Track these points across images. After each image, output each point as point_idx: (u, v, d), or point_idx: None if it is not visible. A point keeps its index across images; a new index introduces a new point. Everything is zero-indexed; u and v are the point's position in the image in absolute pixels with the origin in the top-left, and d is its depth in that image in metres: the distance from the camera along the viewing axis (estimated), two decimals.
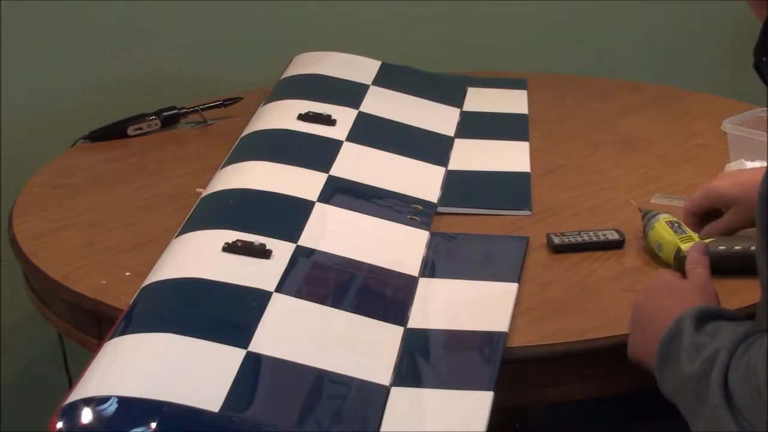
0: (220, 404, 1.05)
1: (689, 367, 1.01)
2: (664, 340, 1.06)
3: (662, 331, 1.06)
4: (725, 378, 0.95)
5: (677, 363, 1.03)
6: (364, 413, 1.08)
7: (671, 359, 1.04)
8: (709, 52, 2.62)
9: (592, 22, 2.48)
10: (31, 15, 2.05)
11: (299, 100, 1.74)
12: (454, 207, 1.52)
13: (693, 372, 1.00)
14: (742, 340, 0.98)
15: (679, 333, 1.05)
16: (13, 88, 2.06)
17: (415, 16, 2.33)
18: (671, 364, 1.04)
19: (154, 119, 1.83)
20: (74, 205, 1.57)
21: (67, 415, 1.02)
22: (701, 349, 1.01)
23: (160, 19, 2.15)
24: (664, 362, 1.05)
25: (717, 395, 0.95)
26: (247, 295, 1.23)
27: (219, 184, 1.49)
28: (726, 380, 0.95)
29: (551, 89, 2.04)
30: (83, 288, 1.32)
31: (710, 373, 0.97)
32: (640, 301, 1.17)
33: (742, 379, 0.94)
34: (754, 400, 0.92)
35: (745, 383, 0.93)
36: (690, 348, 1.02)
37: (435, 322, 1.24)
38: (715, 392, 0.95)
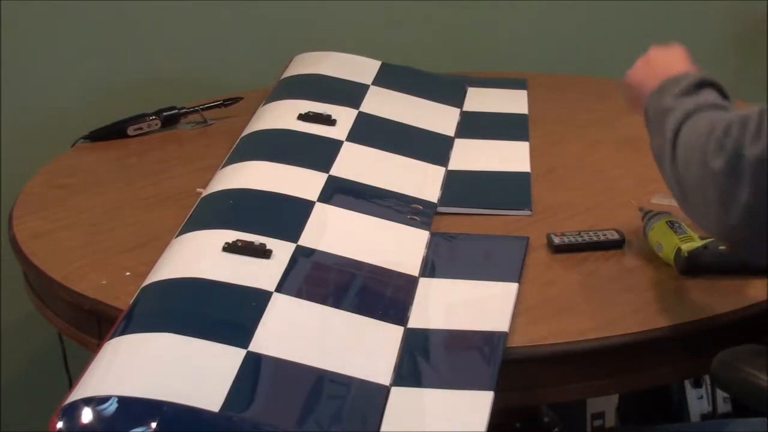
0: (220, 404, 1.05)
1: (666, 101, 1.22)
2: (667, 80, 1.25)
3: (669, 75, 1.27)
4: (682, 121, 1.17)
5: (663, 98, 1.23)
6: (364, 413, 1.08)
7: (662, 94, 1.24)
8: (708, 52, 2.61)
9: (592, 22, 2.48)
10: (31, 15, 2.05)
11: (299, 100, 1.75)
12: (454, 207, 1.52)
13: (664, 105, 1.22)
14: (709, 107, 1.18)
15: (678, 80, 1.24)
16: (13, 88, 2.06)
17: (415, 16, 2.33)
18: (660, 97, 1.24)
19: (154, 119, 1.83)
20: (74, 205, 1.57)
21: (67, 415, 1.02)
22: (682, 96, 1.22)
23: (160, 19, 2.15)
24: (656, 94, 1.25)
25: (669, 133, 1.18)
26: (247, 295, 1.23)
27: (219, 184, 1.49)
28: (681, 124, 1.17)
29: (551, 89, 2.04)
30: (83, 288, 1.33)
31: (672, 114, 1.19)
32: (661, 52, 1.36)
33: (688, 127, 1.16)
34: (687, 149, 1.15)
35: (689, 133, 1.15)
36: (678, 93, 1.22)
37: (435, 322, 1.24)
38: (669, 130, 1.18)
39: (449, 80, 2.01)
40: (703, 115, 1.17)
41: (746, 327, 1.27)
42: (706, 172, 1.10)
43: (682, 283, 1.31)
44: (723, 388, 1.23)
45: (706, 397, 1.91)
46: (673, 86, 1.23)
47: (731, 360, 1.15)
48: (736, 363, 1.14)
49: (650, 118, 1.26)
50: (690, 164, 1.13)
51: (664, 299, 1.28)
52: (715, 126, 1.11)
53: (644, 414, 1.97)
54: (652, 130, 1.25)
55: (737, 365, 1.14)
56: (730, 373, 1.15)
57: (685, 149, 1.15)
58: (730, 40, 2.60)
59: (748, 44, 2.56)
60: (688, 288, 1.30)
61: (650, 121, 1.26)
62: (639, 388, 1.62)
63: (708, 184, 1.10)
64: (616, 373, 1.24)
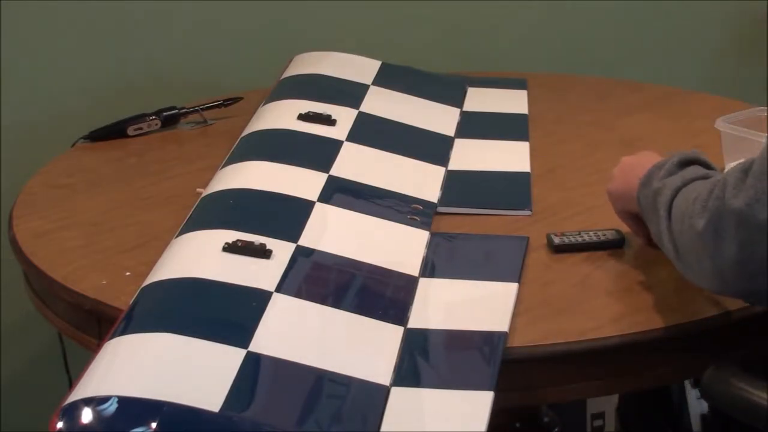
0: (220, 404, 1.05)
1: (656, 184, 1.25)
2: (653, 166, 1.28)
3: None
4: (671, 200, 1.20)
5: (652, 183, 1.26)
6: (364, 413, 1.08)
7: (650, 181, 1.26)
8: (708, 52, 2.62)
9: (592, 22, 2.48)
10: (31, 15, 2.05)
11: (299, 100, 1.74)
12: (454, 207, 1.52)
13: (656, 188, 1.24)
14: (700, 178, 1.20)
15: (662, 165, 1.27)
16: (13, 89, 2.06)
17: (415, 16, 2.33)
18: (649, 184, 1.26)
19: (154, 119, 1.83)
20: (74, 205, 1.57)
21: (67, 415, 1.02)
22: (669, 176, 1.24)
23: (160, 19, 2.15)
24: (644, 183, 1.27)
25: (663, 210, 1.20)
26: (247, 295, 1.23)
27: (219, 184, 1.49)
28: (671, 202, 1.20)
29: (551, 89, 2.04)
30: (83, 288, 1.33)
31: (664, 192, 1.22)
32: (634, 159, 1.38)
33: (678, 200, 1.19)
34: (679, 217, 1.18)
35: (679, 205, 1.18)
36: (664, 175, 1.25)
37: (435, 322, 1.24)
38: (662, 208, 1.21)
39: (449, 80, 2.01)
40: (691, 186, 1.20)
41: (746, 327, 1.27)
42: (693, 234, 1.12)
43: (682, 283, 1.31)
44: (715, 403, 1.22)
45: None
46: (659, 170, 1.26)
47: (721, 375, 1.15)
48: (726, 378, 1.14)
49: (643, 206, 1.28)
50: (682, 233, 1.16)
51: (664, 299, 1.28)
52: (700, 192, 1.14)
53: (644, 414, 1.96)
54: (648, 216, 1.27)
55: (727, 380, 1.14)
56: (721, 388, 1.15)
57: (678, 221, 1.17)
58: (730, 40, 2.60)
59: (748, 44, 2.56)
60: (688, 288, 1.30)
61: (644, 208, 1.28)
62: (639, 388, 1.61)
63: (698, 247, 1.12)
64: (616, 373, 1.24)
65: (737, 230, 1.07)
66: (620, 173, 1.38)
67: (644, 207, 1.28)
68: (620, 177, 1.38)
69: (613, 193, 1.39)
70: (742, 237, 1.07)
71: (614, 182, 1.39)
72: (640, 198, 1.28)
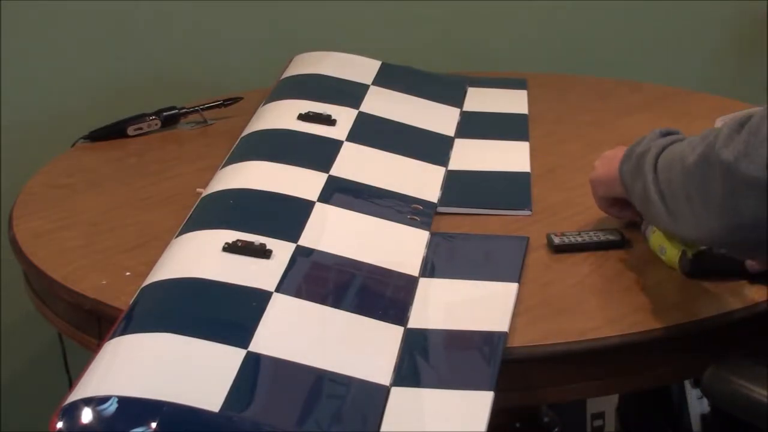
0: (220, 404, 1.05)
1: (638, 149, 1.25)
2: (632, 145, 1.28)
3: None
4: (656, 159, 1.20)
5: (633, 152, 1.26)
6: (364, 413, 1.08)
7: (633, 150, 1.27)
8: (708, 52, 2.62)
9: (592, 22, 2.48)
10: (31, 15, 2.05)
11: (299, 100, 1.75)
12: (454, 207, 1.52)
13: (637, 151, 1.25)
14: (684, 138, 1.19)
15: (644, 138, 1.27)
16: (13, 88, 2.06)
17: (415, 16, 2.33)
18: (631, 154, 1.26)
19: (154, 119, 1.83)
20: (74, 205, 1.57)
21: (67, 415, 1.02)
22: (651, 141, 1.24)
23: (159, 19, 2.15)
24: (626, 157, 1.28)
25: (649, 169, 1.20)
26: (247, 295, 1.23)
27: (219, 184, 1.49)
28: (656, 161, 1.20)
29: (551, 89, 2.04)
30: (83, 288, 1.33)
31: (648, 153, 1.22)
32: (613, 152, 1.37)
33: (664, 156, 1.19)
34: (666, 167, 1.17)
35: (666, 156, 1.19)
36: (647, 141, 1.25)
37: (435, 322, 1.24)
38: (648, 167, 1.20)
39: (449, 80, 2.01)
40: (676, 144, 1.20)
41: (746, 327, 1.27)
42: (683, 171, 1.12)
43: (682, 283, 1.31)
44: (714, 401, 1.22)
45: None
46: (641, 140, 1.27)
47: (722, 373, 1.14)
48: (727, 376, 1.14)
49: (626, 175, 1.27)
50: (671, 179, 1.15)
51: (664, 299, 1.28)
52: (691, 140, 1.15)
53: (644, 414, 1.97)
54: (632, 182, 1.26)
55: (728, 378, 1.14)
56: (721, 386, 1.14)
57: (666, 169, 1.17)
58: (730, 40, 2.60)
59: (748, 44, 2.56)
60: (688, 288, 1.30)
61: (627, 177, 1.27)
62: (639, 388, 1.61)
63: (687, 183, 1.12)
64: (616, 373, 1.24)
65: (724, 181, 1.06)
66: (602, 163, 1.41)
67: (628, 175, 1.27)
68: (602, 166, 1.40)
69: (594, 180, 1.42)
70: (728, 187, 1.06)
71: (596, 171, 1.42)
72: (622, 170, 1.28)
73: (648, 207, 1.21)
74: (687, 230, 1.16)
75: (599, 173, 1.41)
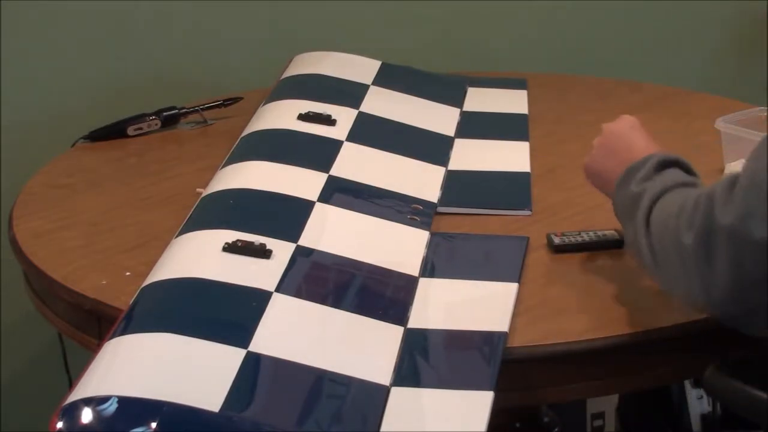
0: (220, 404, 1.05)
1: (633, 189, 1.22)
2: (629, 168, 1.24)
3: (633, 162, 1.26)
4: (649, 209, 1.17)
5: (629, 186, 1.23)
6: (364, 413, 1.08)
7: (627, 182, 1.23)
8: (708, 52, 2.62)
9: (592, 22, 2.48)
10: (31, 15, 2.05)
11: (299, 100, 1.75)
12: (454, 207, 1.52)
13: (632, 194, 1.21)
14: (677, 186, 1.18)
15: (642, 165, 1.23)
16: (13, 88, 2.06)
17: (415, 16, 2.33)
18: (625, 185, 1.23)
19: (154, 119, 1.83)
20: (74, 205, 1.57)
21: (67, 415, 1.02)
22: (647, 180, 1.21)
23: (159, 19, 2.15)
24: (621, 184, 1.24)
25: (641, 220, 1.17)
26: (247, 295, 1.23)
27: (219, 184, 1.49)
28: (650, 212, 1.17)
29: (551, 89, 2.04)
30: (83, 288, 1.33)
31: (641, 200, 1.19)
32: (616, 130, 1.34)
33: (658, 213, 1.16)
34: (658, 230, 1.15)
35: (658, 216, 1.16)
36: (641, 178, 1.22)
37: (435, 322, 1.24)
38: (640, 217, 1.17)
39: (449, 80, 2.01)
40: (671, 195, 1.17)
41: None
42: (679, 249, 1.09)
43: None
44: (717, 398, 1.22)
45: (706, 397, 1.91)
46: (636, 172, 1.23)
47: (724, 370, 1.14)
48: (729, 373, 1.14)
49: (619, 208, 1.26)
50: (665, 248, 1.13)
51: (664, 299, 1.28)
52: (684, 204, 1.11)
53: (644, 414, 1.97)
54: (623, 219, 1.24)
55: (730, 375, 1.14)
56: (724, 384, 1.14)
57: (659, 233, 1.14)
58: (730, 40, 2.60)
59: (748, 44, 2.56)
60: None
61: (620, 210, 1.26)
62: (639, 388, 1.61)
63: (685, 262, 1.09)
64: (616, 373, 1.24)
65: (728, 247, 1.05)
66: (600, 150, 1.34)
67: (620, 210, 1.25)
68: (600, 155, 1.34)
69: (589, 170, 1.36)
70: (733, 255, 1.04)
71: (593, 158, 1.35)
72: (616, 197, 1.26)
73: (637, 253, 1.20)
74: (683, 297, 1.13)
75: (596, 165, 1.34)
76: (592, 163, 1.35)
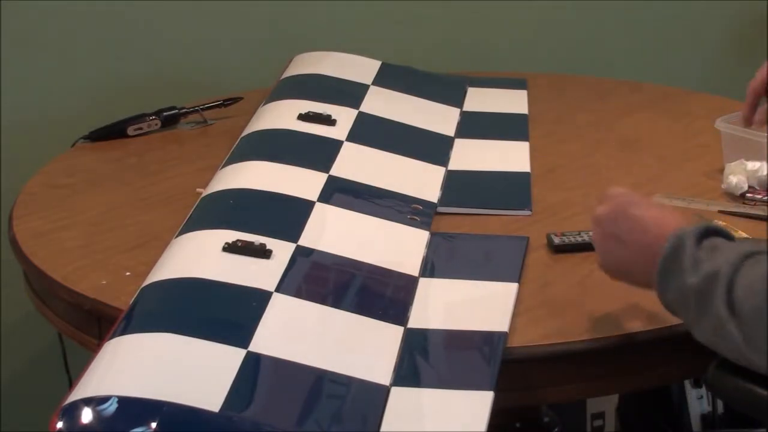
0: (220, 404, 1.05)
1: (690, 280, 1.06)
2: (666, 255, 1.09)
3: (657, 244, 1.10)
4: (729, 295, 1.02)
5: (680, 277, 1.07)
6: (364, 413, 1.08)
7: (673, 273, 1.08)
8: (708, 52, 2.62)
9: (592, 22, 2.48)
10: (31, 15, 2.05)
11: (299, 100, 1.75)
12: (454, 207, 1.52)
13: (694, 286, 1.06)
14: (744, 259, 1.04)
15: (680, 249, 1.08)
16: (13, 88, 2.06)
17: (415, 16, 2.33)
18: (673, 277, 1.08)
19: (154, 119, 1.83)
20: (74, 205, 1.57)
21: (67, 415, 1.02)
22: (700, 264, 1.06)
23: (160, 19, 2.15)
24: (665, 277, 1.09)
25: (722, 309, 1.02)
26: (247, 295, 1.23)
27: (219, 184, 1.49)
28: (730, 297, 1.02)
29: (551, 89, 2.04)
30: (83, 288, 1.32)
31: (714, 289, 1.03)
32: (611, 213, 1.18)
33: (746, 296, 1.01)
34: (756, 316, 1.01)
35: (748, 300, 1.01)
36: (691, 263, 1.07)
37: (435, 322, 1.24)
38: (719, 306, 1.03)
39: (449, 80, 2.01)
40: (747, 270, 1.03)
41: None
42: None
43: None
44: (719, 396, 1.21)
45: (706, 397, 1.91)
46: (676, 261, 1.08)
47: (727, 368, 1.14)
48: (731, 371, 1.13)
49: (675, 305, 1.11)
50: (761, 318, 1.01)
51: None
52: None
53: (644, 414, 1.97)
54: (688, 313, 1.09)
55: (731, 373, 1.13)
56: (726, 382, 1.14)
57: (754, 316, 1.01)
58: (730, 40, 2.60)
59: (748, 44, 2.56)
60: None
61: (677, 306, 1.10)
62: (639, 388, 1.61)
63: None
64: (616, 373, 1.24)
65: None
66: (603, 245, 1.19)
67: (678, 306, 1.10)
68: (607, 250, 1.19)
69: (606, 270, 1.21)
70: None
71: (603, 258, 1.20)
72: (666, 298, 1.11)
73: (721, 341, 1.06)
74: None
75: (612, 263, 1.19)
76: (606, 263, 1.20)
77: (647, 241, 1.13)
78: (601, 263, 1.21)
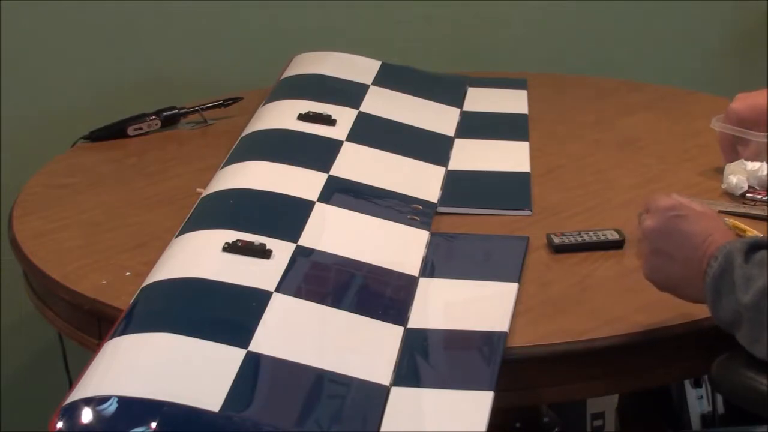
0: (220, 404, 1.05)
1: (744, 298, 1.07)
2: (715, 274, 1.10)
3: (706, 262, 1.12)
4: None
5: (732, 294, 1.08)
6: (364, 413, 1.08)
7: (725, 291, 1.09)
8: (708, 52, 2.62)
9: (592, 22, 2.48)
10: (31, 15, 2.05)
11: (299, 100, 1.74)
12: (454, 207, 1.52)
13: (749, 303, 1.06)
14: None
15: (729, 266, 1.09)
16: (13, 88, 2.06)
17: (415, 16, 2.33)
18: (725, 295, 1.09)
19: (154, 119, 1.83)
20: (74, 205, 1.57)
21: (67, 415, 1.02)
22: (752, 281, 1.06)
23: (160, 20, 2.15)
24: (717, 296, 1.10)
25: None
26: (247, 295, 1.23)
27: (219, 184, 1.49)
28: None
29: (551, 89, 2.04)
30: (83, 288, 1.32)
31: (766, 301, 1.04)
32: (661, 227, 1.18)
33: None
34: None
35: None
36: (742, 280, 1.07)
37: (435, 322, 1.24)
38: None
39: (449, 80, 2.01)
40: None
41: None
42: None
43: None
44: (722, 392, 1.21)
45: (706, 397, 1.91)
46: (730, 279, 1.09)
47: (730, 364, 1.13)
48: (736, 367, 1.13)
49: (727, 322, 1.12)
50: None
51: (664, 299, 1.28)
52: None
53: (644, 414, 1.96)
54: (742, 330, 1.10)
55: (737, 370, 1.13)
56: (730, 378, 1.14)
57: None
58: (730, 40, 2.60)
59: (748, 44, 2.56)
60: None
61: (728, 323, 1.12)
62: (639, 388, 1.61)
63: None
64: (616, 373, 1.24)
65: None
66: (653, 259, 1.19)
67: (730, 323, 1.11)
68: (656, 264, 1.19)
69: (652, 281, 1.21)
70: None
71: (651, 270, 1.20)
72: (720, 316, 1.12)
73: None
74: None
75: (660, 277, 1.19)
76: (654, 277, 1.21)
77: (697, 257, 1.14)
78: (647, 275, 1.21)
